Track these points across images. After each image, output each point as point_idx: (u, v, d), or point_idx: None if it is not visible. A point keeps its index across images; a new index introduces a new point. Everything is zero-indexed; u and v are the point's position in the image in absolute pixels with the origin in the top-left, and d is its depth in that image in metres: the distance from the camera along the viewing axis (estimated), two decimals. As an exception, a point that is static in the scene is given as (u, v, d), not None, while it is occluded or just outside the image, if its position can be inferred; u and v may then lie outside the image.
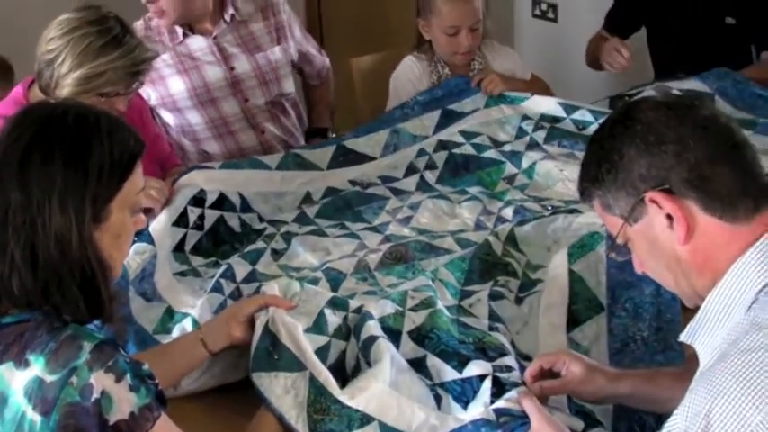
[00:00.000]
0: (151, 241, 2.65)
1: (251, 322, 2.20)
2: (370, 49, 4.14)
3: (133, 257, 2.58)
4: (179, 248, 2.73)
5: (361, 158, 3.16)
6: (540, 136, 3.27)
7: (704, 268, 1.66)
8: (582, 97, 3.78)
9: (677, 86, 3.46)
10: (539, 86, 3.62)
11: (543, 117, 3.33)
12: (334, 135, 3.78)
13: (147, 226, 2.63)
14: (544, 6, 5.39)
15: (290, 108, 3.65)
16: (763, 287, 1.59)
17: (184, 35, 3.41)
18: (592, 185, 1.77)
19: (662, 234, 1.67)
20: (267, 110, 3.54)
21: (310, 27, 4.70)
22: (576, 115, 3.31)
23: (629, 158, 1.69)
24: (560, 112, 3.34)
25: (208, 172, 2.92)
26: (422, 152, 3.19)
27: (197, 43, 3.42)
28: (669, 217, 1.65)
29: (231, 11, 3.45)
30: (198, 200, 2.82)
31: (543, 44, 5.41)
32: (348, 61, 3.96)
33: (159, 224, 2.71)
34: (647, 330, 2.33)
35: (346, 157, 3.15)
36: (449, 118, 3.31)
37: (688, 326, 1.69)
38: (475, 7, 3.44)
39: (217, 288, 2.50)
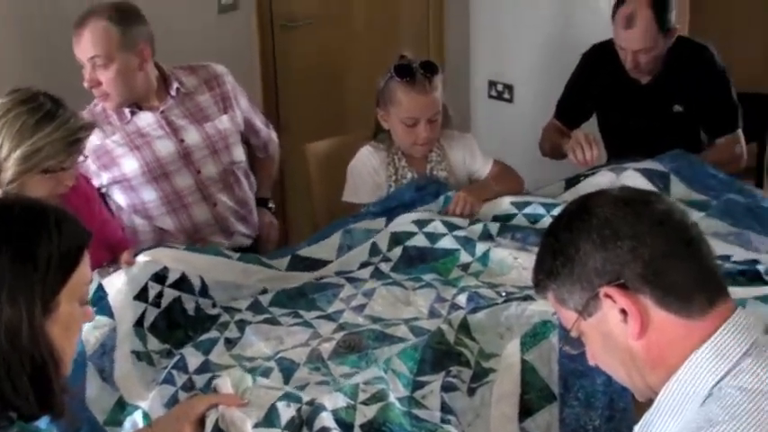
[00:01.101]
0: (111, 314, 2.65)
1: (201, 421, 2.19)
2: (329, 134, 4.13)
3: (91, 332, 2.58)
4: (139, 323, 2.71)
5: (317, 264, 3.15)
6: (494, 228, 3.25)
7: (658, 363, 1.68)
8: (538, 176, 3.81)
9: (633, 166, 3.50)
10: (504, 176, 3.61)
11: (495, 218, 3.32)
12: (272, 206, 3.87)
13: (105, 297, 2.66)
14: (500, 87, 5.46)
15: (243, 177, 3.67)
16: (718, 382, 1.61)
17: (132, 113, 3.44)
18: (547, 278, 1.78)
19: (616, 329, 1.69)
20: (220, 180, 3.56)
21: (268, 112, 4.74)
22: (528, 210, 3.32)
23: (585, 253, 1.70)
24: (512, 210, 3.36)
25: (173, 251, 2.94)
26: (375, 249, 3.18)
27: (145, 119, 3.46)
28: (623, 312, 1.67)
29: (176, 85, 3.50)
30: (160, 277, 2.81)
31: (499, 125, 5.47)
32: (303, 147, 3.96)
33: (120, 295, 2.71)
34: (598, 419, 2.32)
35: (302, 264, 3.15)
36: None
37: (643, 418, 1.70)
38: (435, 99, 3.45)
39: (168, 380, 2.48)
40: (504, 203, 3.39)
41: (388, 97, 3.47)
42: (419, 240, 3.18)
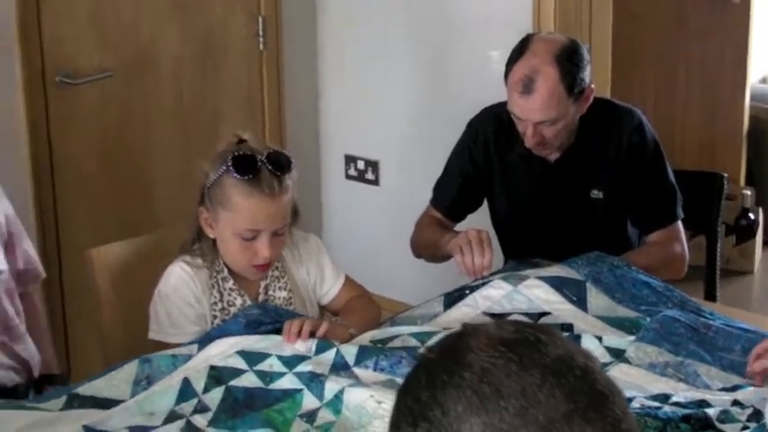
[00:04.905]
0: None
1: None
2: (125, 235, 3.91)
3: None
4: None
5: (104, 403, 2.96)
6: (351, 353, 3.11)
7: None
8: (416, 286, 3.79)
9: (536, 274, 3.49)
10: (356, 307, 3.56)
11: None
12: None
13: None
14: (361, 164, 5.48)
15: (3, 293, 3.46)
16: None
17: None
18: None
19: None
20: None
21: (43, 209, 4.63)
22: (395, 343, 3.22)
23: (457, 417, 1.56)
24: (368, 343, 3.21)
25: None
26: (187, 390, 3.00)
27: None
28: None
29: None
30: None
31: (361, 214, 5.48)
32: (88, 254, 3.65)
33: None
34: None
35: (83, 403, 2.97)
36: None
37: None
38: (284, 206, 3.23)
39: None
40: (363, 343, 3.23)
41: (220, 198, 3.22)
42: (248, 380, 3.02)
